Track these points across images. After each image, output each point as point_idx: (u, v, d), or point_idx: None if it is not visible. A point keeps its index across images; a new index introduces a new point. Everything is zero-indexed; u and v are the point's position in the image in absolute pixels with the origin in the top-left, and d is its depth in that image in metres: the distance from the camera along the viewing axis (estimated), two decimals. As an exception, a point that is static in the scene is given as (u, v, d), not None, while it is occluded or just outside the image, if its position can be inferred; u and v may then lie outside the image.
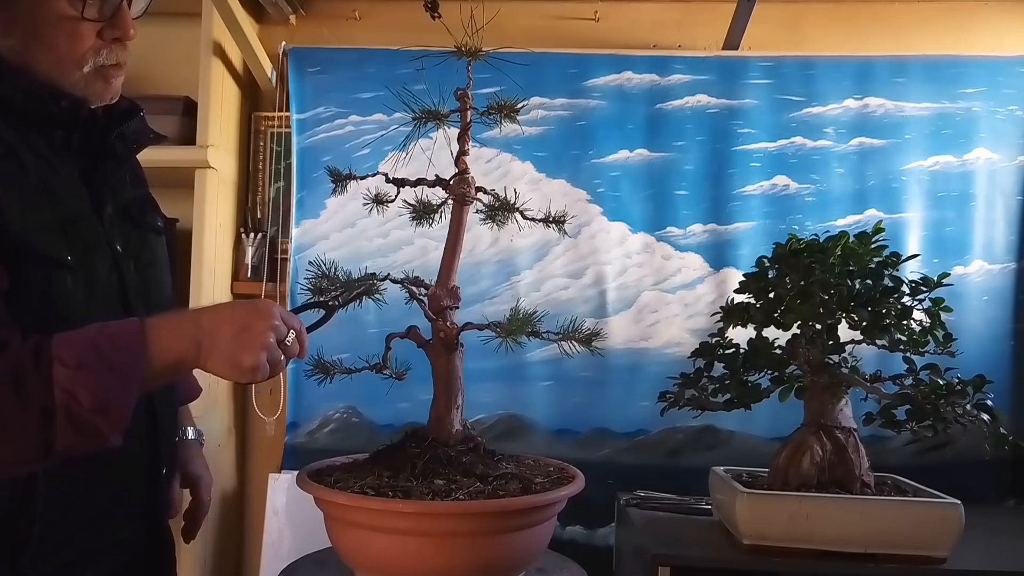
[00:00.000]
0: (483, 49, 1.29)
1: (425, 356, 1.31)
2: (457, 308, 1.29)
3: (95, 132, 1.03)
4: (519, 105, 1.34)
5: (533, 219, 1.35)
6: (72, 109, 0.97)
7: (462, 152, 1.32)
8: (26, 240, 0.88)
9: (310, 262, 1.27)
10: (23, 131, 0.94)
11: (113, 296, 1.00)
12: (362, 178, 1.34)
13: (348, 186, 1.36)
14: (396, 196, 1.36)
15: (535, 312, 1.26)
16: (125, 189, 1.09)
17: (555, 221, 1.36)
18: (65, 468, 0.86)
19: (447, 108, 1.31)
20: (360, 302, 1.27)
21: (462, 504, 1.08)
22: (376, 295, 1.29)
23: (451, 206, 1.32)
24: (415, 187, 1.33)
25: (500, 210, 1.32)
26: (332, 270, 1.27)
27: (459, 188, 1.30)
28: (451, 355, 1.27)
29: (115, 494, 1.01)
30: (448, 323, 1.27)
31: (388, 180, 1.33)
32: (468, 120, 1.31)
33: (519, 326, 1.24)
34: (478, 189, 1.32)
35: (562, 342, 1.28)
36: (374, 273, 1.28)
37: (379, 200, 1.37)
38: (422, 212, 1.36)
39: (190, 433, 1.28)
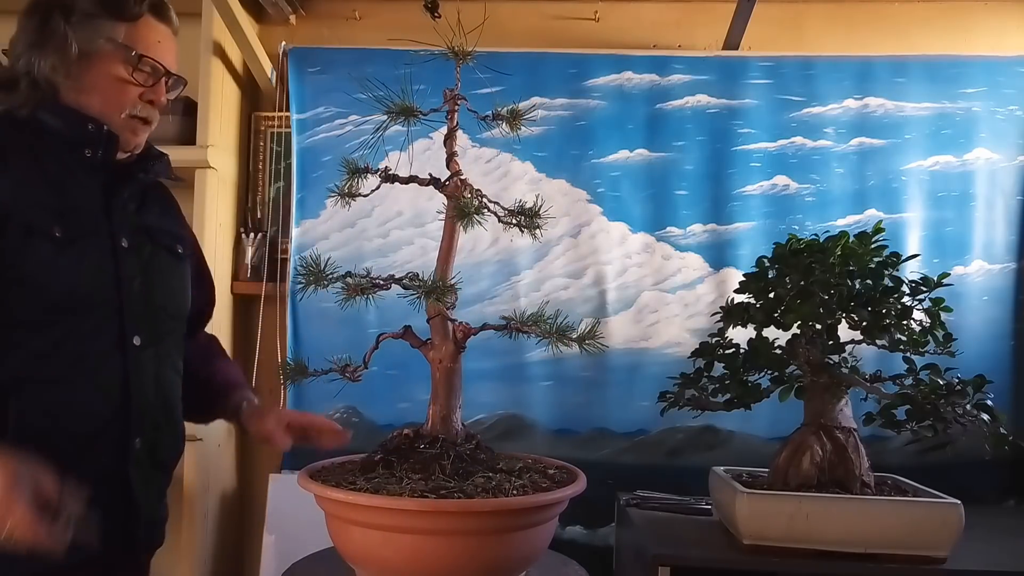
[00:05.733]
0: (475, 50, 1.28)
1: (423, 356, 1.30)
2: (453, 307, 1.28)
3: (115, 154, 1.22)
4: (528, 114, 1.33)
5: (505, 221, 1.31)
6: (96, 131, 1.18)
7: (451, 154, 1.31)
8: (8, 208, 1.07)
9: (300, 256, 1.28)
10: (57, 150, 1.17)
11: (106, 277, 1.16)
12: (376, 171, 1.32)
13: (360, 184, 1.34)
14: (380, 185, 1.33)
15: (558, 313, 1.24)
16: (151, 216, 1.29)
17: (524, 213, 1.31)
18: (33, 408, 1.08)
19: (446, 108, 1.30)
20: (368, 301, 1.26)
21: (464, 502, 1.08)
22: (376, 295, 1.28)
23: (448, 208, 1.32)
24: (406, 184, 1.32)
25: (469, 213, 1.28)
26: (324, 266, 1.26)
27: (453, 189, 1.29)
28: (457, 355, 1.27)
29: (79, 445, 1.12)
30: (460, 323, 1.26)
31: (384, 178, 1.32)
32: (455, 123, 1.30)
33: (547, 328, 1.21)
34: (472, 190, 1.31)
35: (577, 344, 1.25)
36: (378, 277, 1.27)
37: (388, 177, 1.33)
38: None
39: (257, 401, 1.43)
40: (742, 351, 1.62)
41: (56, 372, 1.11)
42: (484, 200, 1.28)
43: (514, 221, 1.31)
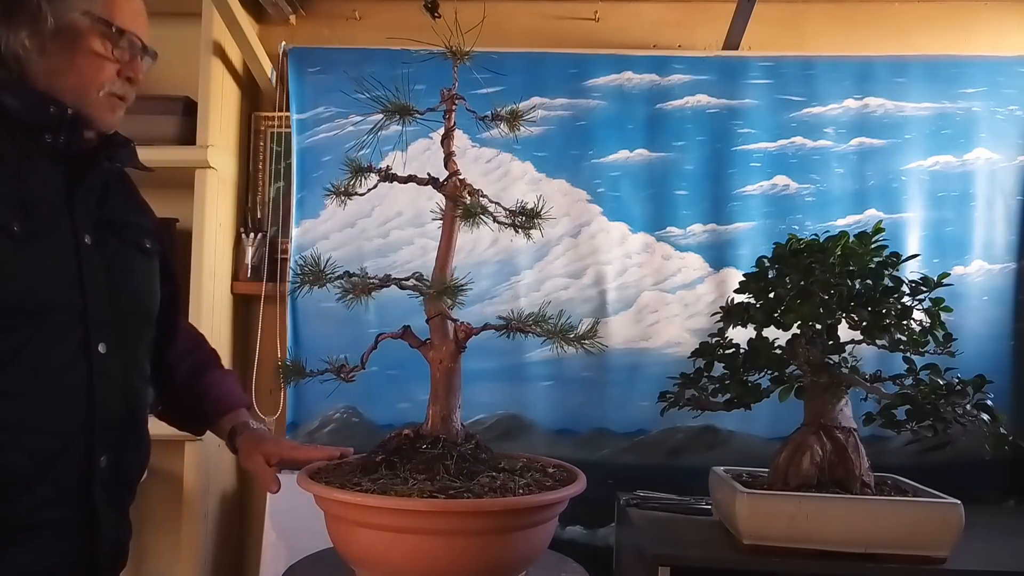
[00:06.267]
0: (473, 50, 1.28)
1: (421, 356, 1.30)
2: (452, 308, 1.28)
3: (82, 141, 1.13)
4: (527, 115, 1.33)
5: (501, 222, 1.31)
6: (59, 114, 1.09)
7: (449, 154, 1.31)
8: None
9: (300, 255, 1.27)
10: (16, 135, 1.07)
11: (69, 277, 1.07)
12: (380, 170, 1.31)
13: (359, 183, 1.34)
14: (377, 184, 1.33)
15: (561, 313, 1.24)
16: (115, 209, 1.19)
17: (525, 214, 1.32)
18: None
19: (443, 108, 1.30)
20: (364, 303, 1.26)
21: (465, 502, 1.08)
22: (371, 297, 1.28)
23: (447, 208, 1.32)
24: (405, 183, 1.32)
25: (476, 213, 1.28)
26: (324, 265, 1.25)
27: (452, 189, 1.29)
28: (458, 355, 1.27)
29: (39, 464, 1.03)
30: (461, 323, 1.26)
31: (382, 178, 1.32)
32: (452, 123, 1.30)
33: (549, 328, 1.21)
34: (471, 190, 1.31)
35: (576, 343, 1.25)
36: (380, 277, 1.27)
37: (387, 176, 1.32)
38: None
39: (252, 425, 1.37)
40: (742, 351, 1.62)
41: (13, 384, 1.01)
42: (486, 200, 1.29)
43: (511, 221, 1.31)
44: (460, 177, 1.30)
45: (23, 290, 1.01)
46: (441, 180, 1.30)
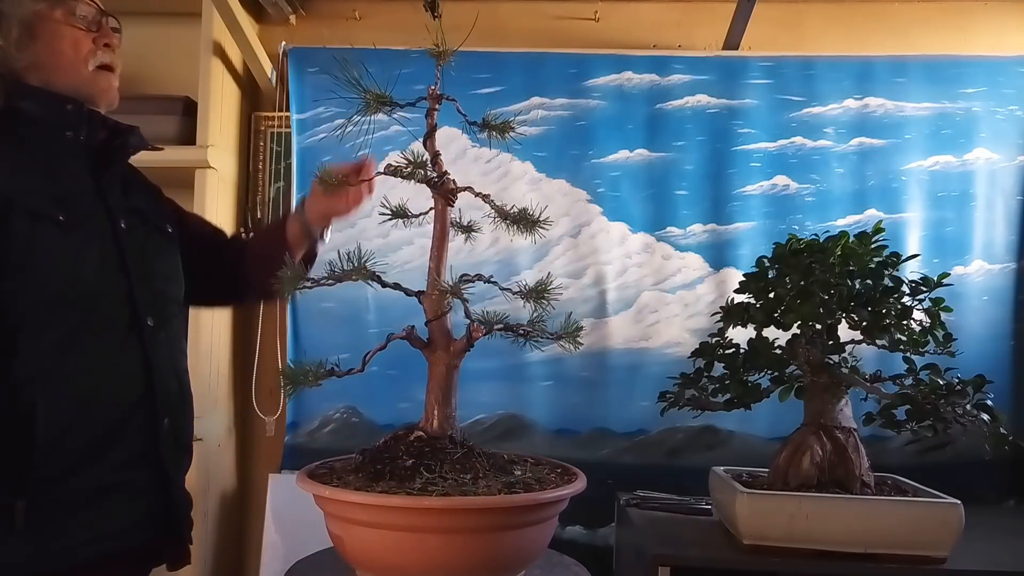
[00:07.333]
0: (457, 49, 1.28)
1: (422, 356, 1.31)
2: (450, 309, 1.29)
3: (98, 134, 1.23)
4: (520, 123, 1.33)
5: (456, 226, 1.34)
6: (76, 111, 1.19)
7: (435, 154, 1.31)
8: (9, 195, 1.06)
9: (339, 250, 1.29)
10: (40, 136, 1.17)
11: (113, 261, 1.17)
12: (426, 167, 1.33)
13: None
14: (372, 177, 1.36)
15: (570, 316, 1.26)
16: (137, 196, 1.28)
17: (525, 221, 1.34)
18: (60, 399, 1.07)
19: (425, 105, 1.31)
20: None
21: (464, 500, 1.08)
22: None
23: (436, 207, 1.33)
24: (405, 180, 1.32)
25: (518, 221, 1.31)
26: (365, 259, 1.27)
27: (444, 188, 1.30)
28: (463, 354, 1.27)
29: (109, 431, 1.13)
30: (475, 323, 1.27)
31: (385, 171, 1.33)
32: (434, 122, 1.30)
33: (568, 333, 1.23)
34: (463, 189, 1.32)
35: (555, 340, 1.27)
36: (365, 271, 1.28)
37: (388, 171, 1.35)
38: (399, 214, 1.37)
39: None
40: (742, 351, 1.62)
41: (77, 361, 1.10)
42: (491, 204, 1.29)
43: (513, 228, 1.32)
44: (451, 177, 1.30)
45: (73, 277, 1.11)
46: (435, 179, 1.30)
